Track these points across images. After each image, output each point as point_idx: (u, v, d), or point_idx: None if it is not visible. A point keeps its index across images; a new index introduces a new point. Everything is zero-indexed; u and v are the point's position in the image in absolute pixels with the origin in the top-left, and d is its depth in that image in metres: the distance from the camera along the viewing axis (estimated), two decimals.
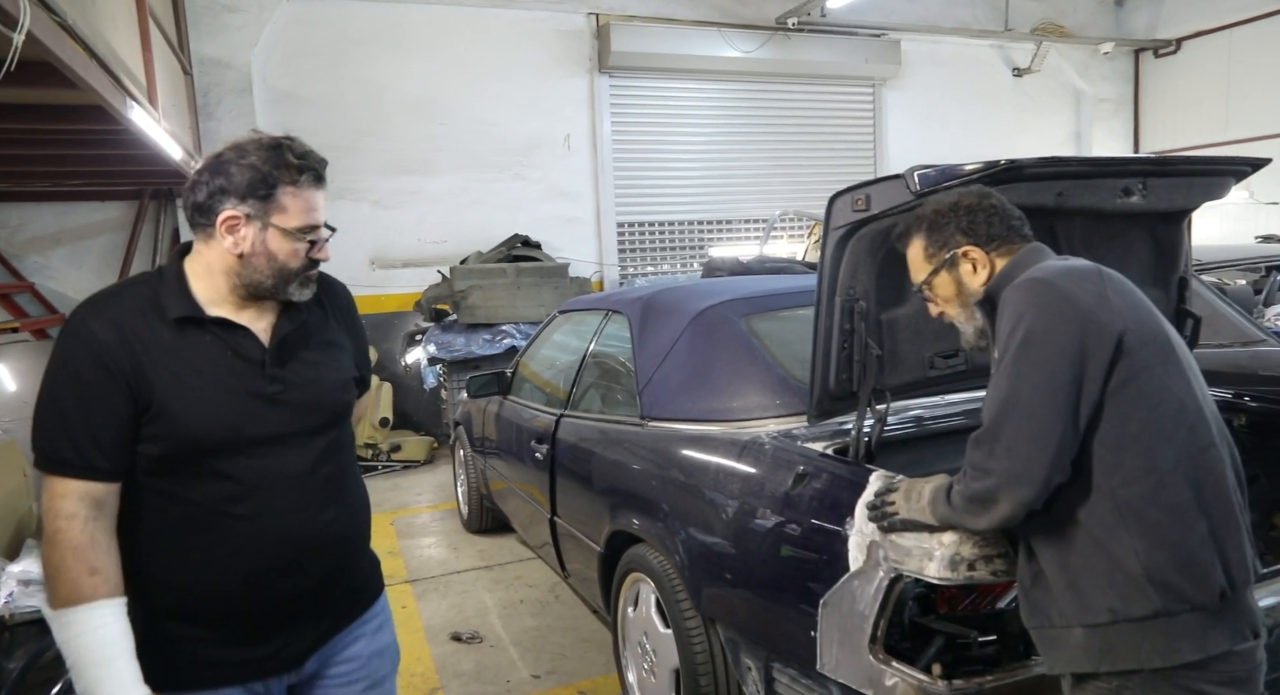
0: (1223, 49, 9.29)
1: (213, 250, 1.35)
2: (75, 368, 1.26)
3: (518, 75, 7.59)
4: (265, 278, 1.36)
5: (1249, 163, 1.93)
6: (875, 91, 9.03)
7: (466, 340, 6.29)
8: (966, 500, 1.39)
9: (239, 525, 1.36)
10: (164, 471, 1.32)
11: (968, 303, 1.55)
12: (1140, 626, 1.26)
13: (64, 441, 1.26)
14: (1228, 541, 1.30)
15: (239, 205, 1.32)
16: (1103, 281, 1.37)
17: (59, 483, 1.26)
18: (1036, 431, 1.29)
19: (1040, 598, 1.38)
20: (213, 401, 1.33)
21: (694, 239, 8.53)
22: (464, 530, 4.82)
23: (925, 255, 1.57)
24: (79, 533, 1.25)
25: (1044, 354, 1.30)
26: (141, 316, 1.32)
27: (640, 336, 2.77)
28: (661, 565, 2.31)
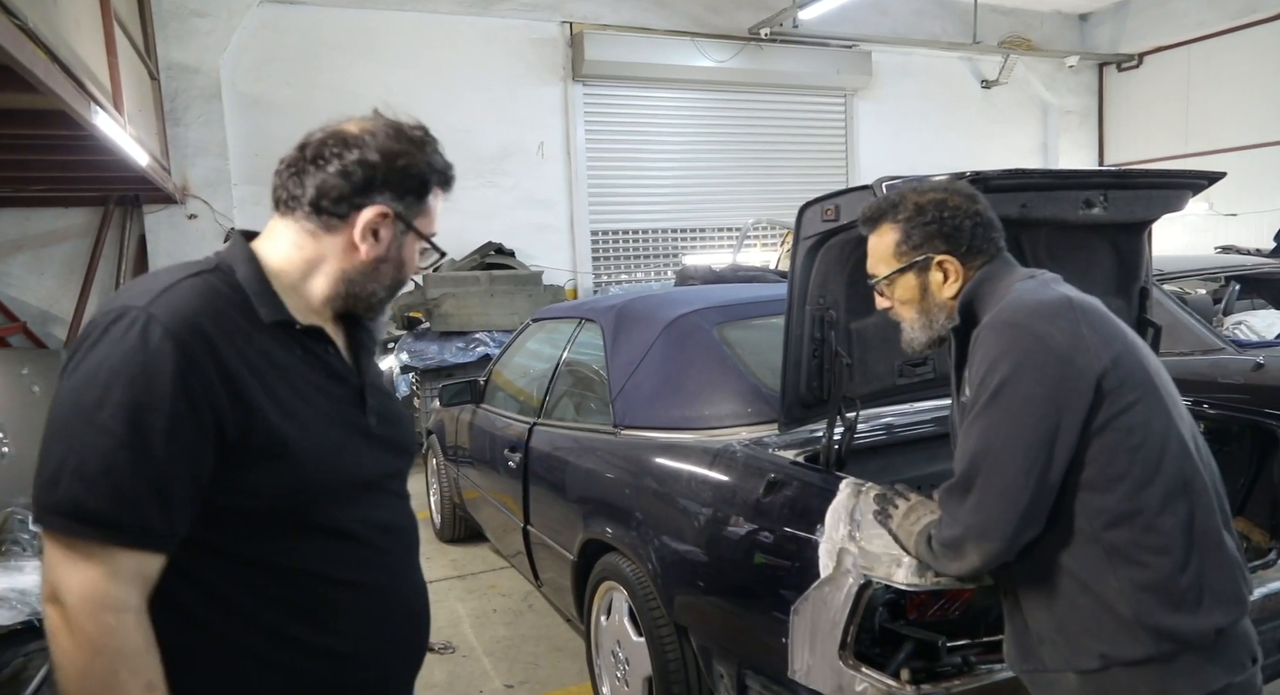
0: (1182, 64, 9.53)
1: (326, 247, 1.08)
2: (140, 393, 0.91)
3: (491, 83, 7.58)
4: (383, 290, 1.13)
5: (1205, 176, 1.99)
6: (847, 101, 9.13)
7: (439, 348, 6.25)
8: (941, 545, 1.36)
9: (352, 597, 1.06)
10: (262, 531, 0.99)
11: (928, 310, 1.45)
12: (1134, 670, 1.22)
13: (116, 497, 0.89)
14: (1218, 576, 1.25)
15: (393, 202, 1.09)
16: (1076, 318, 1.28)
17: (107, 557, 0.89)
18: (1007, 487, 1.24)
19: (1030, 642, 1.33)
20: (323, 433, 1.04)
21: (668, 247, 8.56)
22: (436, 539, 4.78)
23: (895, 250, 1.45)
24: (134, 631, 0.90)
25: (1016, 405, 1.24)
26: (228, 318, 1.00)
27: (613, 345, 2.78)
28: (634, 573, 2.31)
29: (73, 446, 0.90)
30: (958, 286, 1.43)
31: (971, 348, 1.35)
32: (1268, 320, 4.38)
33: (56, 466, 0.90)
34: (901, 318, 1.51)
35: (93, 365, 0.92)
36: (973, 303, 1.42)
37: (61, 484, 0.89)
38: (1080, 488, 1.26)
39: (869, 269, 1.52)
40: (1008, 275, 1.42)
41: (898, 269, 1.45)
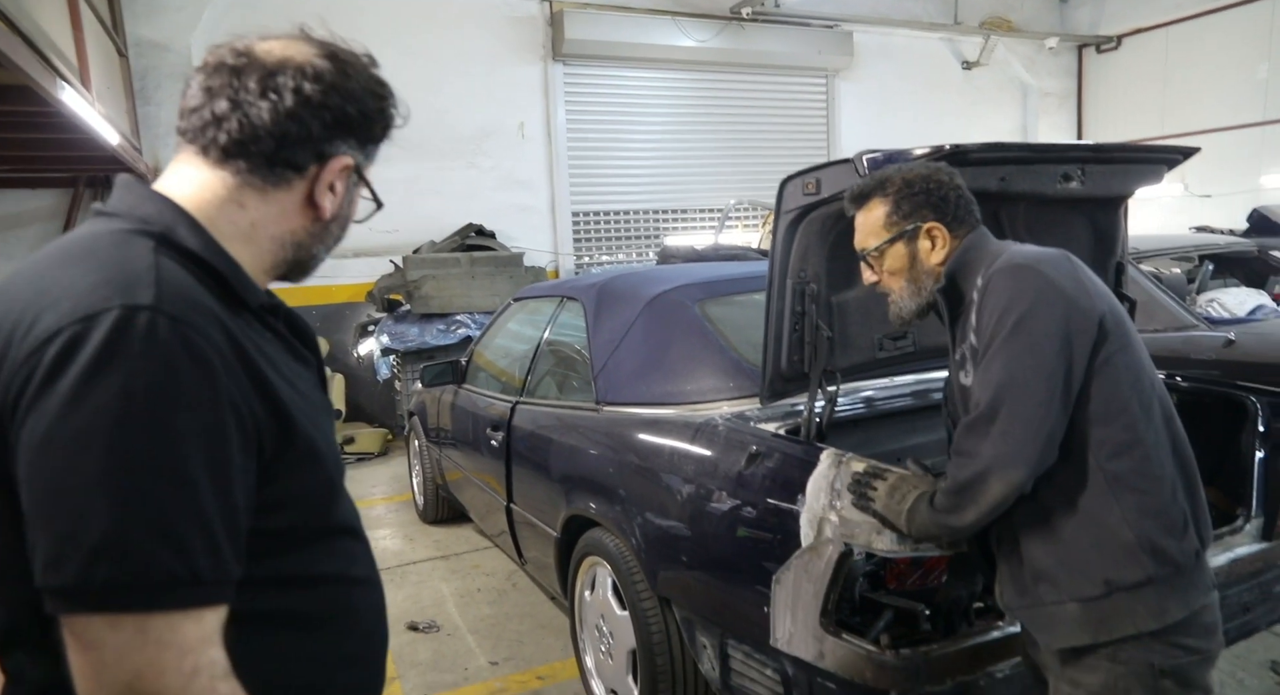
0: (1160, 46, 9.59)
1: (276, 206, 0.90)
2: (201, 420, 0.75)
3: (470, 63, 7.50)
4: (325, 251, 0.98)
5: (1180, 151, 2.01)
6: (828, 82, 9.12)
7: (420, 330, 6.22)
8: (954, 493, 1.37)
9: (364, 595, 0.98)
10: (285, 546, 0.87)
11: (917, 278, 1.52)
12: (1134, 594, 1.31)
13: (206, 551, 0.74)
14: (1197, 505, 1.40)
15: (354, 151, 0.93)
16: (1074, 267, 1.40)
17: (198, 620, 0.74)
18: (1031, 415, 1.30)
19: (1026, 581, 1.40)
20: (324, 425, 0.93)
21: (649, 228, 8.54)
22: (420, 521, 4.78)
23: (885, 222, 1.52)
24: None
25: (1035, 339, 1.32)
26: (223, 308, 0.82)
27: (595, 322, 2.78)
28: (618, 548, 2.32)
29: (129, 503, 0.71)
30: (945, 253, 1.50)
31: (981, 295, 1.40)
32: (1239, 298, 4.45)
33: (113, 530, 0.70)
34: (890, 289, 1.56)
35: (115, 391, 0.71)
36: (958, 270, 1.49)
37: (131, 552, 0.70)
38: (1085, 421, 1.35)
39: (857, 244, 1.58)
40: (991, 244, 1.51)
41: (888, 239, 1.52)
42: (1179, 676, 1.33)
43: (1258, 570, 2.05)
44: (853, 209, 1.58)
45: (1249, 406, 2.16)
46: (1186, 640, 1.33)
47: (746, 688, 1.92)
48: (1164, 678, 1.32)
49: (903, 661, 1.59)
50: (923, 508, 1.45)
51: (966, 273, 1.49)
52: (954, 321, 1.52)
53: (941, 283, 1.51)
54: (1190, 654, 1.34)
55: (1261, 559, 2.04)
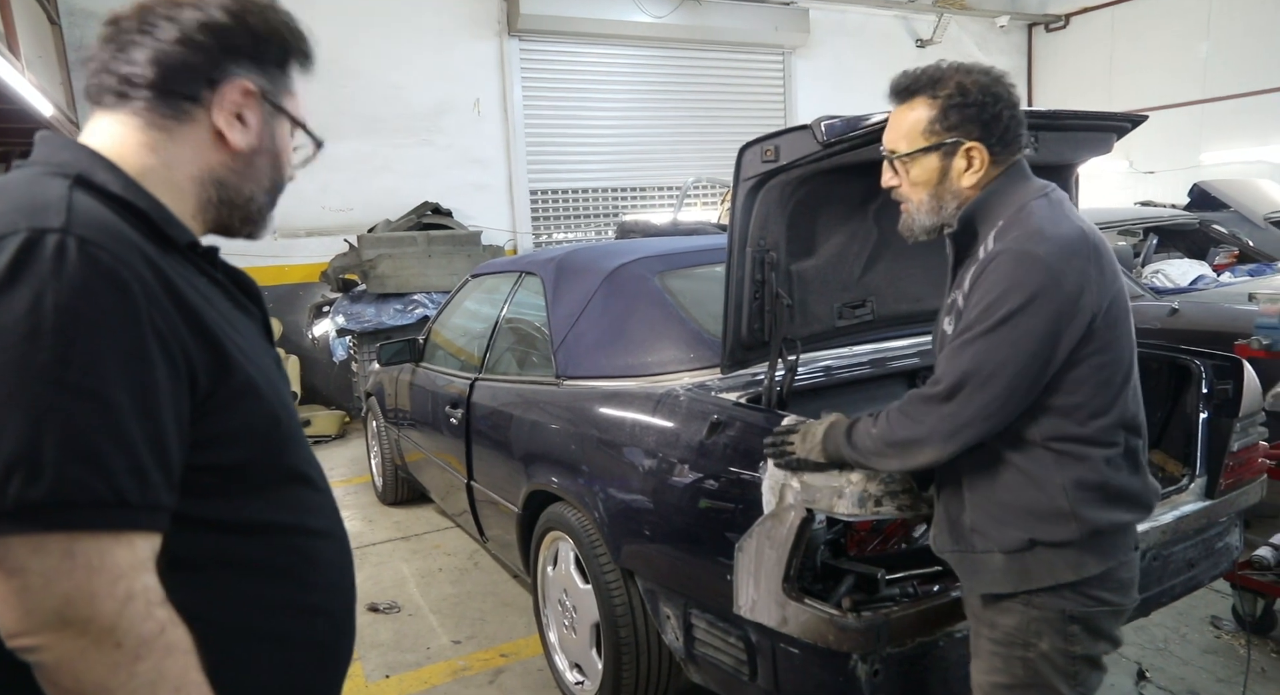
0: (1106, 25, 9.77)
1: (186, 143, 0.89)
2: (113, 338, 0.72)
3: (424, 37, 7.33)
4: (262, 193, 0.95)
5: (1128, 118, 2.04)
6: (785, 60, 9.12)
7: (377, 310, 6.11)
8: (885, 443, 1.40)
9: (325, 547, 0.96)
10: (238, 487, 0.86)
11: (940, 195, 1.41)
12: (1055, 550, 1.36)
13: (128, 471, 0.73)
14: (1138, 486, 1.42)
15: (255, 75, 0.90)
16: (1089, 256, 1.32)
17: (128, 545, 0.73)
18: (985, 406, 1.30)
19: (963, 528, 1.44)
20: (267, 369, 0.91)
21: (608, 206, 8.49)
22: (379, 503, 4.72)
23: (926, 127, 1.38)
24: (183, 627, 0.77)
25: (1017, 336, 1.28)
26: (150, 246, 0.80)
27: (554, 296, 2.75)
28: (580, 521, 2.31)
29: (42, 420, 0.69)
30: (978, 178, 1.39)
31: (984, 264, 1.33)
32: (1182, 269, 4.58)
33: (23, 448, 0.68)
34: (908, 198, 1.45)
35: (22, 309, 0.69)
36: (977, 213, 1.40)
37: (45, 469, 0.68)
38: (1043, 408, 1.34)
39: (887, 143, 1.44)
40: (1020, 189, 1.39)
41: (922, 147, 1.39)
42: (1087, 624, 1.38)
43: (1201, 527, 2.12)
44: (894, 101, 1.44)
45: (1194, 370, 2.22)
46: (1100, 593, 1.38)
47: (710, 656, 1.93)
48: (1073, 623, 1.37)
49: (864, 624, 1.61)
50: (839, 440, 1.48)
51: (985, 217, 1.40)
52: (957, 264, 1.47)
53: (955, 227, 1.42)
54: (1101, 605, 1.38)
55: (1205, 516, 2.11)
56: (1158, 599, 2.09)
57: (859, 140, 1.73)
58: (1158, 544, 2.00)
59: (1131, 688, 2.51)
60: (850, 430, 1.48)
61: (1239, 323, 3.26)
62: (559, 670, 2.60)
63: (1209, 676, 2.54)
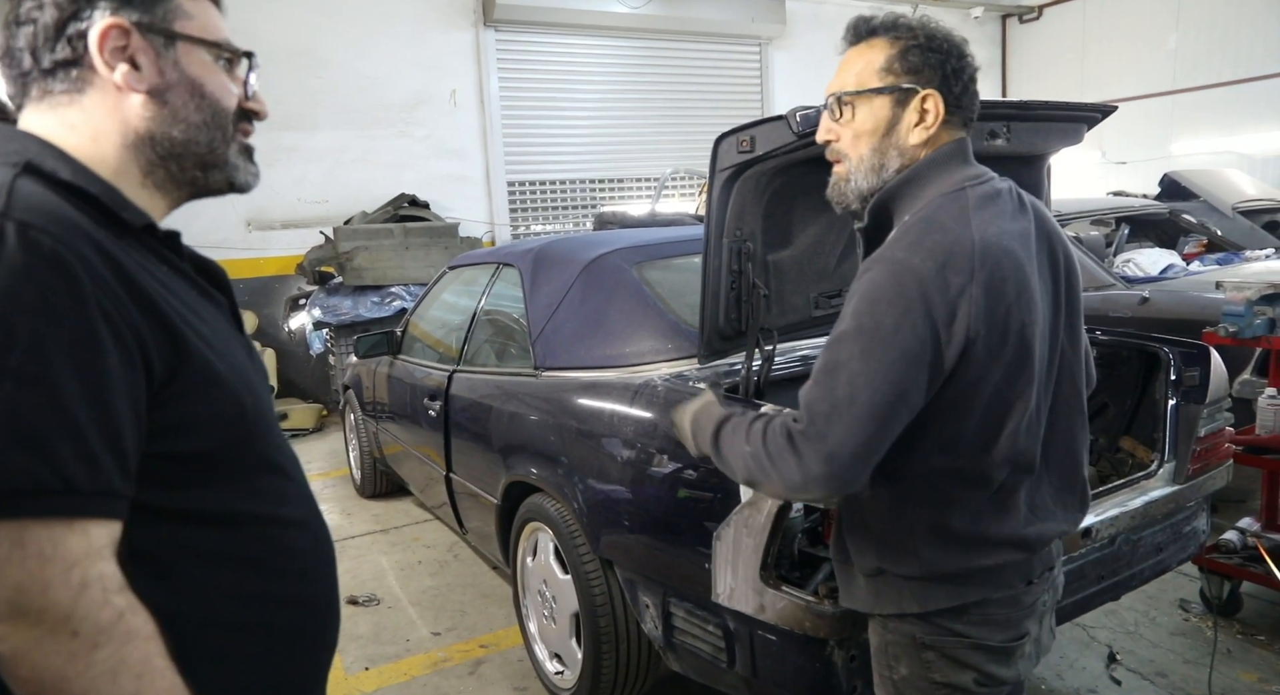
0: (1078, 17, 9.87)
1: (95, 108, 0.85)
2: (56, 322, 0.71)
3: (399, 27, 7.26)
4: (201, 132, 0.89)
5: (1099, 109, 2.07)
6: (762, 51, 9.13)
7: (354, 303, 6.07)
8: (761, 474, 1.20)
9: (299, 537, 0.94)
10: (206, 477, 0.84)
11: (884, 150, 1.24)
12: (903, 579, 1.28)
13: (76, 457, 0.71)
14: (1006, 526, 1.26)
15: (121, 10, 0.84)
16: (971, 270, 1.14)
17: (81, 533, 0.72)
18: (868, 438, 1.12)
19: (839, 539, 1.37)
20: (233, 356, 0.88)
21: (586, 198, 8.47)
22: (357, 496, 4.70)
23: (882, 66, 1.22)
24: (144, 613, 0.75)
25: (894, 358, 1.11)
26: (103, 233, 0.79)
27: (532, 287, 2.74)
28: (559, 512, 2.32)
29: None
30: (927, 135, 1.23)
31: (860, 274, 1.19)
32: (1153, 258, 4.65)
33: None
34: (847, 154, 1.27)
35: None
36: (893, 198, 1.26)
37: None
38: (912, 435, 1.18)
39: (832, 86, 1.28)
40: (944, 176, 1.23)
41: (875, 87, 1.22)
42: (943, 653, 1.27)
43: (1170, 512, 2.17)
44: (848, 41, 1.29)
45: (1162, 357, 2.26)
46: (955, 625, 1.27)
47: (689, 644, 1.94)
48: (927, 650, 1.28)
49: (841, 610, 1.63)
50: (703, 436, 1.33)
51: (897, 207, 1.26)
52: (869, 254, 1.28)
53: (865, 221, 1.29)
54: (957, 637, 1.26)
55: (1173, 501, 2.16)
56: (1127, 583, 2.13)
57: None
58: (1127, 528, 2.04)
59: (1102, 670, 2.56)
60: (719, 431, 1.29)
61: (1207, 311, 3.32)
62: (539, 660, 2.60)
63: (1177, 658, 2.60)
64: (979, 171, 1.27)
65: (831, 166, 1.32)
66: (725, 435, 1.28)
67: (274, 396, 6.43)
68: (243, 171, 0.94)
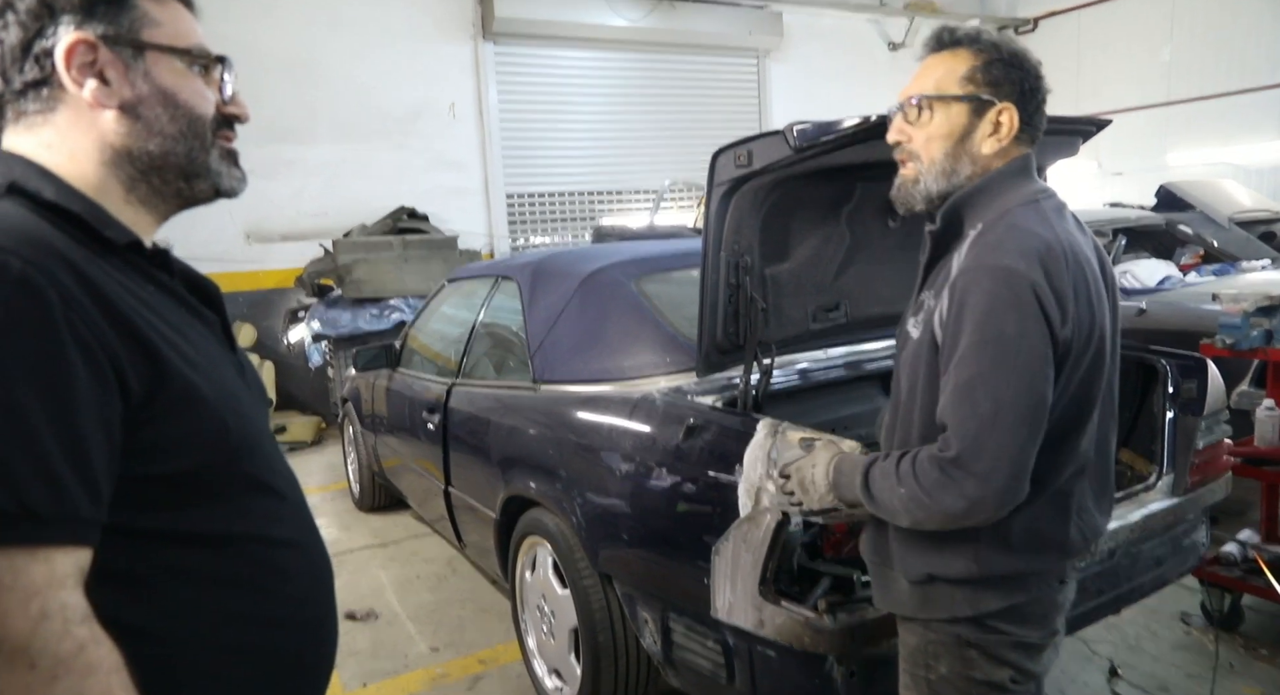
0: (1073, 29, 9.93)
1: (68, 126, 0.84)
2: (23, 346, 0.70)
3: (398, 40, 7.30)
4: (173, 142, 0.87)
5: (1093, 123, 2.07)
6: (759, 63, 9.18)
7: (353, 316, 6.07)
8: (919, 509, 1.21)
9: (291, 557, 0.93)
10: (190, 498, 0.83)
11: (958, 155, 1.28)
12: (953, 584, 1.30)
13: (39, 482, 0.70)
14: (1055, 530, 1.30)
15: (85, 24, 0.82)
16: (1067, 272, 1.20)
17: (45, 561, 0.70)
18: (1020, 449, 1.16)
19: (885, 541, 1.39)
20: (218, 375, 0.87)
21: (585, 210, 8.49)
22: (356, 509, 4.68)
23: (962, 75, 1.27)
24: (106, 640, 0.73)
25: (1024, 362, 1.15)
26: (84, 251, 0.79)
27: (531, 301, 2.75)
28: (558, 526, 2.31)
29: None
30: (999, 147, 1.28)
31: (957, 285, 1.21)
32: (1150, 269, 4.66)
33: None
34: (919, 155, 1.31)
35: None
36: (965, 203, 1.29)
37: None
38: None
39: (909, 89, 1.32)
40: (1015, 188, 1.28)
41: (955, 95, 1.27)
42: (986, 651, 1.31)
43: (1169, 525, 2.16)
44: (930, 48, 1.33)
45: (1159, 369, 2.26)
46: (1000, 624, 1.31)
47: (688, 660, 1.94)
48: (970, 648, 1.31)
49: (840, 626, 1.63)
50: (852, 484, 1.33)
51: (970, 214, 1.29)
52: (931, 263, 1.36)
53: (937, 225, 1.31)
54: (1001, 635, 1.31)
55: (1172, 514, 2.15)
56: (1128, 596, 2.13)
57: (830, 145, 1.74)
58: (1126, 541, 2.04)
59: (1104, 685, 2.55)
60: (868, 479, 1.30)
61: (1204, 322, 3.32)
62: (538, 676, 2.59)
63: (1179, 672, 2.59)
64: (1046, 187, 1.34)
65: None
66: (875, 482, 1.28)
67: (272, 409, 6.41)
68: (226, 177, 0.93)
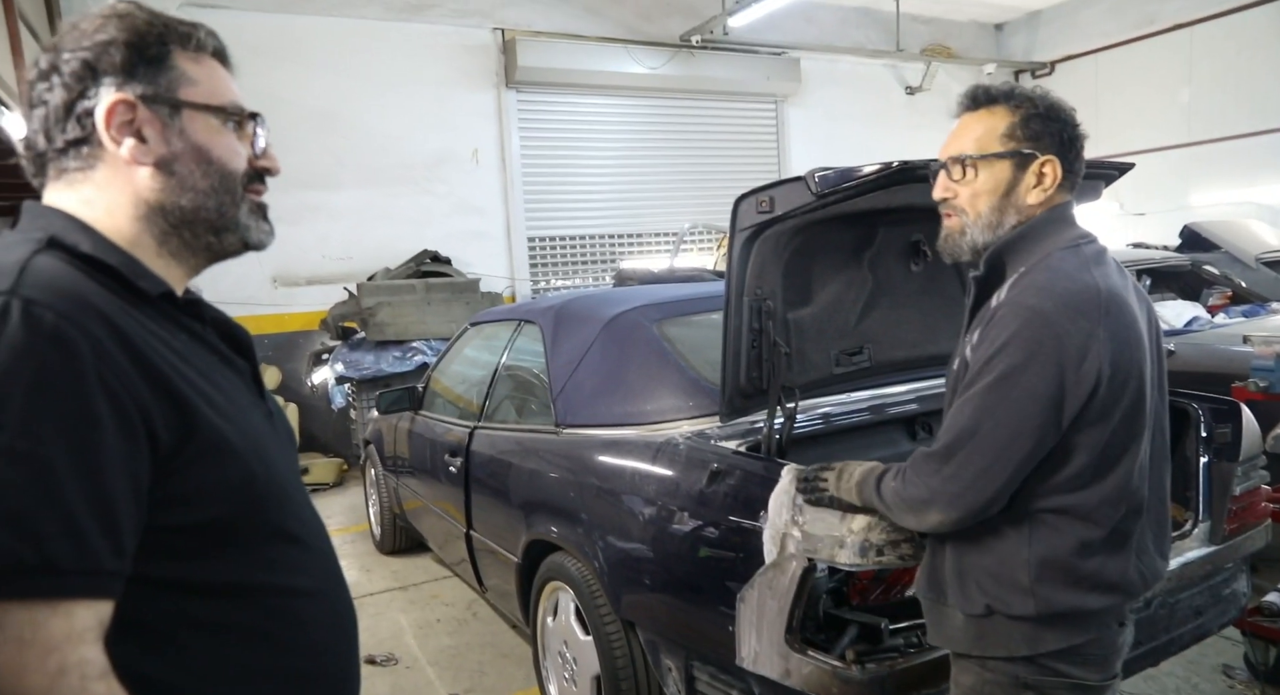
0: (1090, 72, 9.99)
1: (107, 183, 0.87)
2: (52, 398, 0.71)
3: (423, 89, 7.48)
4: (210, 198, 0.90)
5: (1115, 167, 2.09)
6: (778, 107, 9.29)
7: (376, 358, 6.12)
8: (900, 499, 1.37)
9: (313, 608, 0.93)
10: (213, 547, 0.83)
11: (1004, 208, 1.34)
12: (1012, 621, 1.31)
13: (63, 536, 0.70)
14: (1118, 570, 1.33)
15: (126, 85, 0.85)
16: (1099, 317, 1.25)
17: (65, 615, 0.70)
18: (987, 468, 1.25)
19: (939, 577, 1.41)
20: (246, 423, 0.88)
21: (605, 252, 8.57)
22: (376, 552, 4.67)
23: (1002, 132, 1.33)
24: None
25: (1018, 395, 1.23)
26: (118, 303, 0.80)
27: (553, 344, 2.76)
28: (580, 572, 2.29)
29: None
30: (1044, 197, 1.34)
31: (990, 318, 1.30)
32: (1176, 310, 4.60)
33: None
34: (965, 210, 1.37)
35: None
36: (1006, 250, 1.35)
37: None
38: (1035, 478, 1.29)
39: (950, 149, 1.38)
40: (1056, 234, 1.34)
41: (997, 152, 1.33)
42: (1043, 693, 1.32)
43: (1207, 574, 2.11)
44: (965, 106, 1.39)
45: (1191, 413, 2.23)
46: (1059, 665, 1.31)
47: None
48: (1027, 690, 1.32)
49: (869, 676, 1.59)
50: (870, 488, 1.45)
51: (1012, 259, 1.35)
52: (975, 307, 1.41)
53: (981, 270, 1.38)
54: (1060, 677, 1.31)
55: (1210, 562, 2.10)
56: (1166, 648, 2.06)
57: (852, 191, 1.76)
58: (1164, 591, 1.99)
59: None
60: (880, 480, 1.43)
61: (1235, 364, 3.27)
62: None
63: None
64: (1086, 232, 1.38)
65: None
66: (884, 482, 1.42)
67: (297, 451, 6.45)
68: (255, 231, 0.95)
